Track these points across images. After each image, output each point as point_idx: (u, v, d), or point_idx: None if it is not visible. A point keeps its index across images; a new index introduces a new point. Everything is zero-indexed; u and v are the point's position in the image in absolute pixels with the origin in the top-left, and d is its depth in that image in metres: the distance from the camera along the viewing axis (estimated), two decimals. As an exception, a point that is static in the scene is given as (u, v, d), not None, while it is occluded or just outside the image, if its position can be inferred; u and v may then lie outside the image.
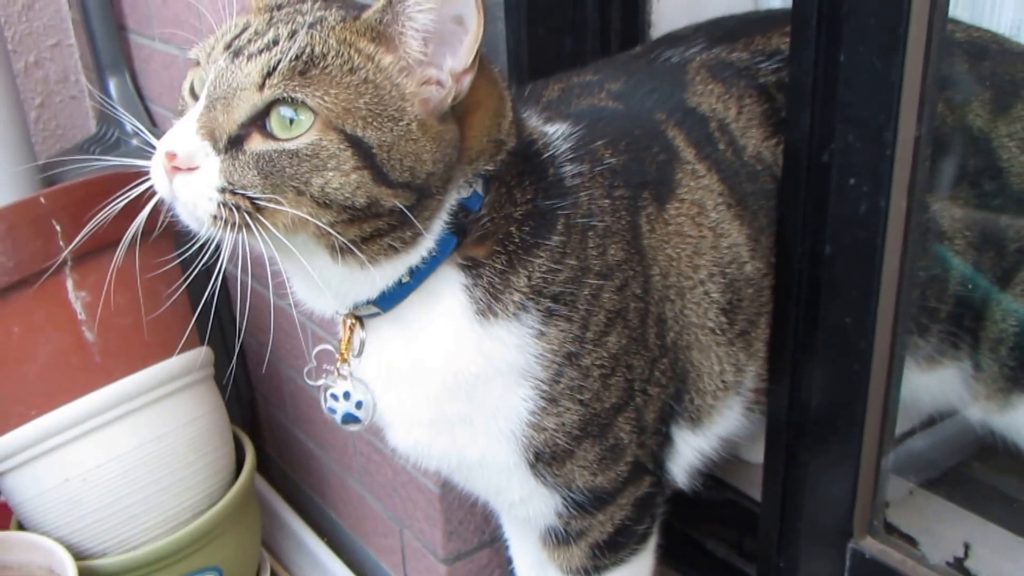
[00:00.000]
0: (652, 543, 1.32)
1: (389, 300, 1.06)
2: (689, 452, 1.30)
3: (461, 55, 0.96)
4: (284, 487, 2.26)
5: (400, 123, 0.95)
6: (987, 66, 1.34)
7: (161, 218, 1.05)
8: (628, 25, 1.55)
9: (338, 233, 0.96)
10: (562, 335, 1.09)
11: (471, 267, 1.06)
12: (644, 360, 1.17)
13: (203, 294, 2.09)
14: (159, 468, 1.70)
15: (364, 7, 0.99)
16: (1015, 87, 1.33)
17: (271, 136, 0.94)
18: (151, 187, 1.01)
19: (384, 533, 1.91)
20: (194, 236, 1.00)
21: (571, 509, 1.20)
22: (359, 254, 0.99)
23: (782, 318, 1.29)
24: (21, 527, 1.76)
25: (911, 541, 1.34)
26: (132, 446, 1.67)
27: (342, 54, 0.95)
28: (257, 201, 0.94)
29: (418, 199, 0.98)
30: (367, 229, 0.98)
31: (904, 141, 1.11)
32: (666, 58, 1.35)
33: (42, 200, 1.60)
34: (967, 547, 1.33)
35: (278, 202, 0.94)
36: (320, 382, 1.17)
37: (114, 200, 1.15)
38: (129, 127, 2.27)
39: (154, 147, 1.01)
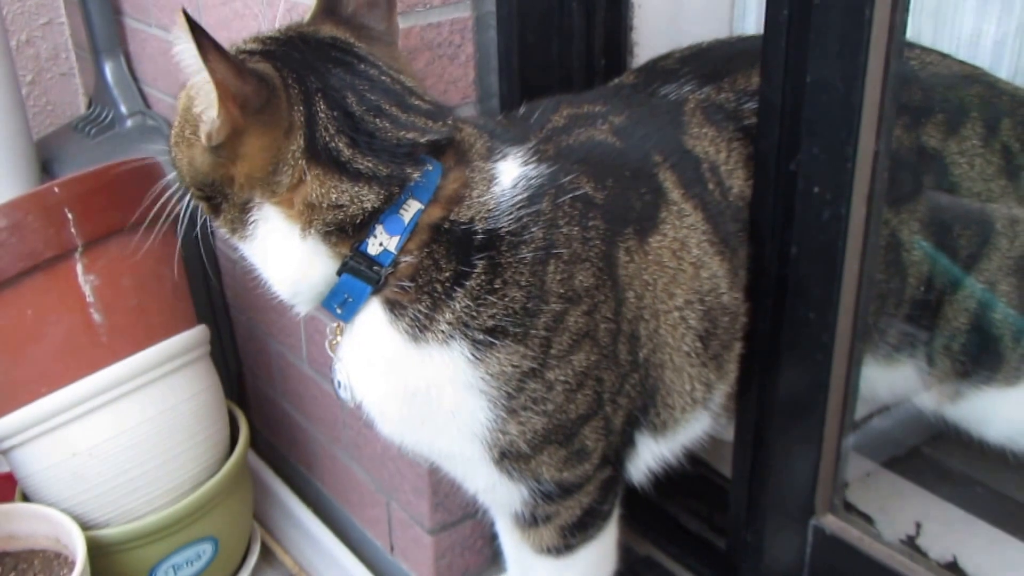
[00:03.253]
0: (616, 514, 1.39)
1: (339, 314, 1.21)
2: (649, 456, 1.36)
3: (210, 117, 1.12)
4: (272, 459, 2.29)
5: (181, 139, 1.19)
6: (939, 90, 1.42)
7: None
8: (611, 31, 1.60)
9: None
10: (509, 358, 1.15)
11: (394, 307, 1.16)
12: (615, 374, 1.23)
13: (199, 275, 2.14)
14: (162, 442, 1.75)
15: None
16: (964, 109, 1.41)
17: None
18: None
19: (371, 504, 1.96)
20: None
21: (537, 499, 1.27)
22: (216, 220, 1.22)
23: (754, 312, 1.35)
24: (26, 498, 1.80)
25: (868, 519, 1.42)
26: (137, 421, 1.72)
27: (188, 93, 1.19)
28: None
29: (207, 195, 1.20)
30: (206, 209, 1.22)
31: (864, 155, 1.18)
32: (664, 94, 1.40)
33: (55, 189, 1.66)
34: (918, 526, 1.41)
35: None
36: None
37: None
38: (124, 108, 2.31)
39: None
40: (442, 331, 1.14)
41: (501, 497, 1.30)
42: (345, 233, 1.14)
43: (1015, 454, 1.49)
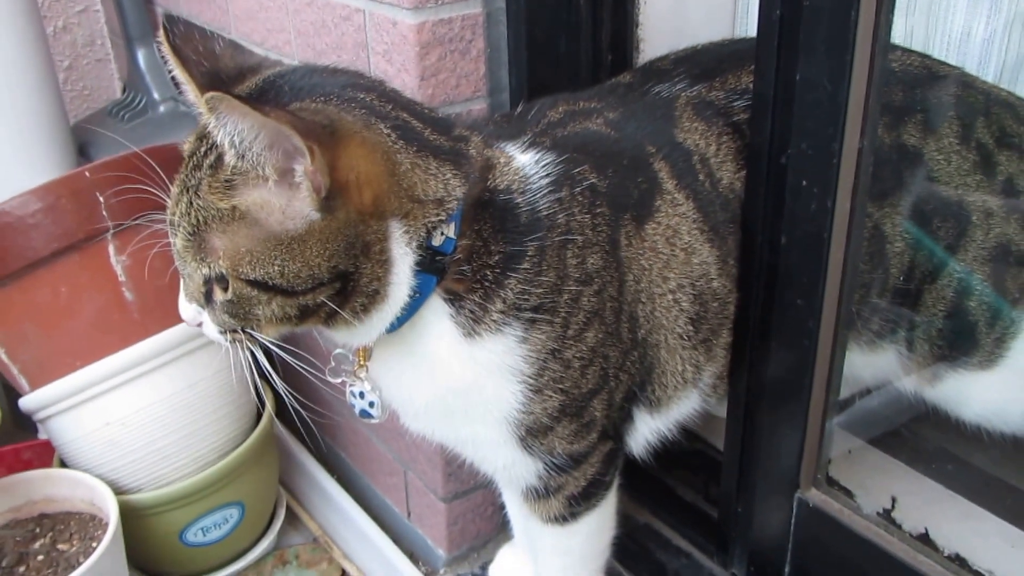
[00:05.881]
0: (615, 485, 1.45)
1: (391, 326, 1.18)
2: (646, 430, 1.42)
3: (304, 159, 1.02)
4: (298, 429, 2.31)
5: (280, 249, 1.06)
6: (919, 91, 1.46)
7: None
8: (618, 27, 1.64)
9: (304, 327, 1.16)
10: (544, 336, 1.20)
11: (453, 300, 1.17)
12: (618, 351, 1.28)
13: None
14: (190, 413, 1.81)
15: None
16: (942, 108, 1.46)
17: (224, 288, 1.11)
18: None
19: (390, 473, 2.03)
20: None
21: (550, 471, 1.33)
22: (338, 323, 1.14)
23: (745, 298, 1.40)
24: (63, 464, 1.88)
25: (848, 493, 1.46)
26: (167, 394, 1.78)
27: (215, 214, 1.08)
28: (243, 329, 1.15)
29: (343, 283, 1.09)
30: (322, 314, 1.12)
31: (849, 152, 1.22)
32: (657, 92, 1.44)
33: (87, 174, 1.72)
34: (894, 500, 1.45)
35: (252, 327, 1.14)
36: (339, 379, 1.33)
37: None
38: (157, 94, 2.38)
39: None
40: (494, 320, 1.17)
41: (518, 473, 1.36)
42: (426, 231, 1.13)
43: (989, 433, 1.54)
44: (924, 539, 1.39)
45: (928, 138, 1.45)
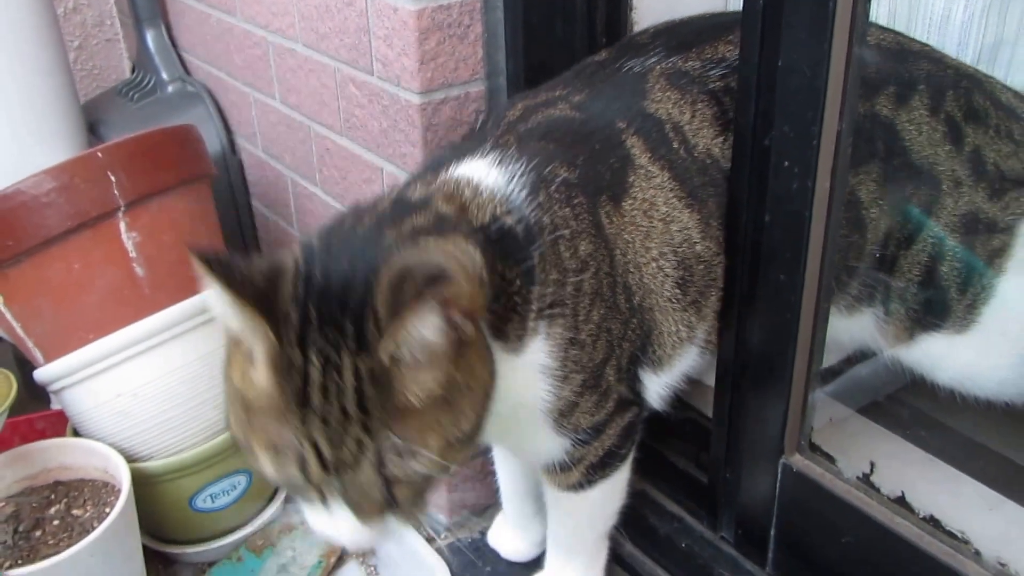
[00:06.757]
0: (631, 457, 1.51)
1: None
2: (655, 387, 1.47)
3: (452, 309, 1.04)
4: None
5: (468, 393, 1.10)
6: (890, 66, 1.51)
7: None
8: (612, 11, 1.67)
9: None
10: (562, 328, 1.26)
11: (498, 335, 1.21)
12: (619, 322, 1.33)
13: (236, 231, 2.23)
14: (199, 385, 1.84)
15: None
16: (912, 82, 1.50)
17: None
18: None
19: None
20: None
21: (575, 445, 1.38)
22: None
23: (731, 274, 1.45)
24: (76, 434, 1.92)
25: (830, 459, 1.50)
26: (176, 366, 1.82)
27: (402, 432, 1.04)
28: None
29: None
30: None
31: (828, 134, 1.26)
32: (629, 68, 1.47)
33: (99, 154, 1.76)
34: (872, 465, 1.49)
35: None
36: None
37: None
38: (165, 74, 2.42)
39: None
40: (529, 328, 1.23)
41: (550, 453, 1.40)
42: None
43: (964, 397, 1.60)
44: (901, 501, 1.43)
45: (900, 109, 1.49)
